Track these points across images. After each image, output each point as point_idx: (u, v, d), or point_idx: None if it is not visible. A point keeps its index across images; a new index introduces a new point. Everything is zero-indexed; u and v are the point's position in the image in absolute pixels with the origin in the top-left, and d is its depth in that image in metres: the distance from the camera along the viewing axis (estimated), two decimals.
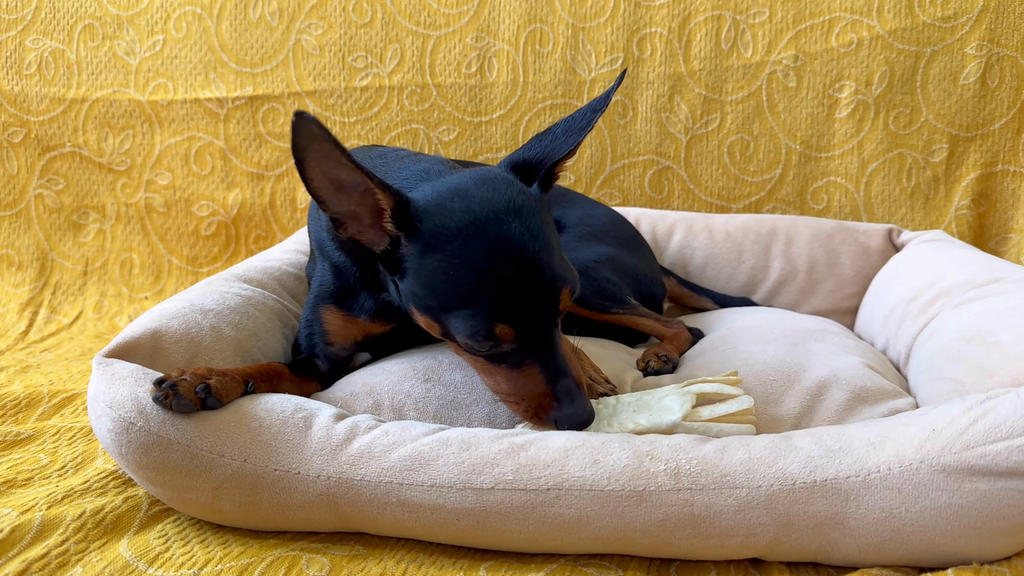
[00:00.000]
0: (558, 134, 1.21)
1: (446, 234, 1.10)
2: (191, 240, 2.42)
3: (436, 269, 1.11)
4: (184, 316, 1.34)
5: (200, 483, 1.10)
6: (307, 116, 0.98)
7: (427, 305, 1.15)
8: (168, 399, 1.08)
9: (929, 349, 1.44)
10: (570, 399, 1.12)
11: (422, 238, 1.11)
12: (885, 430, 1.07)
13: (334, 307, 1.39)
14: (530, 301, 1.10)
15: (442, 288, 1.11)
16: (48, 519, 1.12)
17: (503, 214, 1.11)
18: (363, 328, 1.40)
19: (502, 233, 1.10)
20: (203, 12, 2.32)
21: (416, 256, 1.12)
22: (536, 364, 1.13)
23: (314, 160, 1.03)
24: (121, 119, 2.39)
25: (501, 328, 1.09)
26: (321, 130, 1.00)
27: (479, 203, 1.12)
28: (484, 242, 1.09)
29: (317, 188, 1.07)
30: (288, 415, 1.13)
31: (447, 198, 1.14)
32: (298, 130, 0.99)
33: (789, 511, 1.02)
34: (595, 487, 1.03)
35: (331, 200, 1.10)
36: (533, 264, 1.10)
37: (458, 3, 2.24)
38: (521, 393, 1.15)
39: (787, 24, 2.14)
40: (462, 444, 1.09)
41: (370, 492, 1.08)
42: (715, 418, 1.16)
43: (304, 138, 1.00)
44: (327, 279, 1.40)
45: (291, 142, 1.01)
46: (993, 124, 2.08)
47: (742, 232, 1.99)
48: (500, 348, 1.13)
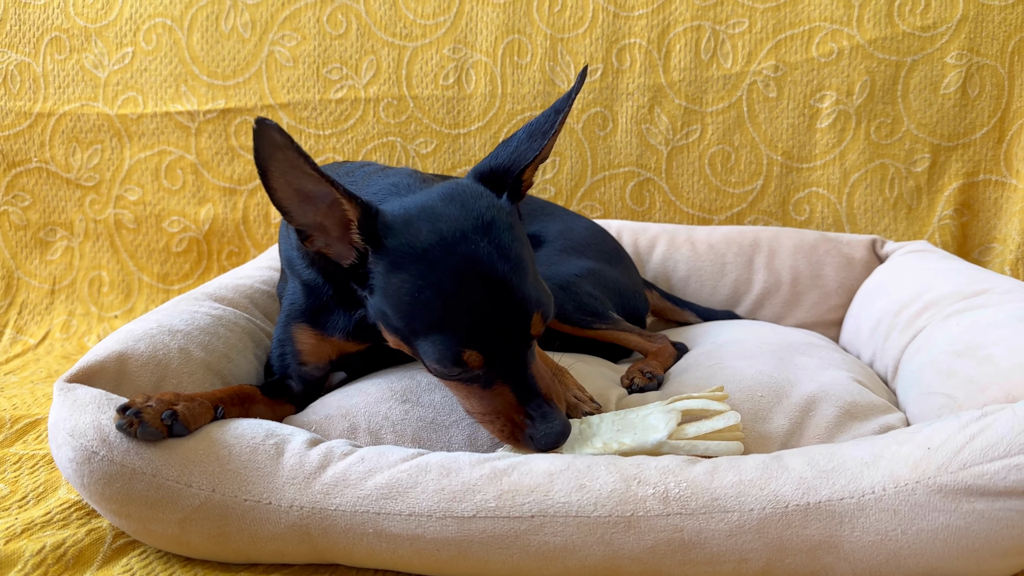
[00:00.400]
0: (522, 139, 1.16)
1: (412, 253, 1.06)
2: (162, 257, 2.36)
3: (401, 290, 1.07)
4: (151, 337, 1.29)
5: (166, 515, 1.05)
6: (269, 123, 0.94)
7: (394, 326, 1.11)
8: (132, 427, 1.03)
9: (918, 363, 1.42)
10: (543, 416, 1.08)
11: (388, 255, 1.08)
12: (879, 449, 1.04)
13: (306, 326, 1.34)
14: (500, 326, 1.06)
15: (407, 310, 1.08)
16: (5, 555, 1.06)
17: (471, 233, 1.07)
18: (337, 347, 1.35)
19: (469, 254, 1.06)
20: (173, 24, 2.27)
21: (382, 274, 1.09)
22: (507, 384, 1.09)
23: (278, 170, 1.00)
24: (89, 133, 2.33)
25: (469, 355, 1.05)
26: (284, 138, 0.96)
27: (446, 222, 1.08)
28: (451, 263, 1.05)
29: (282, 199, 1.04)
30: (259, 442, 1.09)
31: (414, 215, 1.10)
32: (260, 138, 0.96)
33: (782, 535, 0.98)
34: (581, 513, 0.99)
35: (296, 212, 1.06)
36: (503, 287, 1.06)
37: (435, 14, 2.21)
38: (495, 414, 1.11)
39: (767, 34, 2.12)
40: (442, 470, 1.05)
41: (345, 522, 1.03)
42: (701, 435, 1.13)
43: (267, 146, 0.97)
44: (298, 297, 1.35)
45: (253, 151, 0.97)
46: (974, 133, 2.07)
47: (725, 244, 1.96)
48: (471, 372, 1.09)
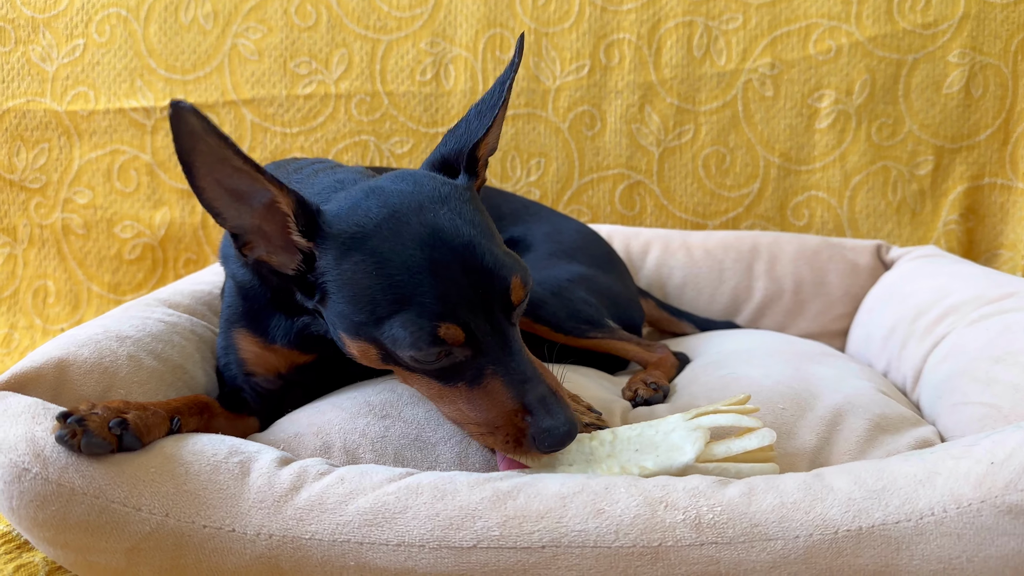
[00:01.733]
0: (471, 119, 1.08)
1: (363, 232, 0.95)
2: (113, 265, 2.18)
3: (357, 273, 0.94)
4: (97, 343, 1.13)
5: (111, 543, 0.89)
6: (184, 106, 0.81)
7: (356, 323, 0.96)
8: (75, 437, 0.88)
9: (946, 371, 1.31)
10: (546, 409, 0.93)
11: (336, 241, 0.95)
12: (932, 464, 0.92)
13: (247, 331, 1.21)
14: (475, 293, 0.94)
15: (367, 294, 0.93)
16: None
17: (428, 203, 0.97)
18: (284, 356, 1.21)
19: (429, 222, 0.95)
20: (129, 15, 2.12)
21: (332, 265, 0.95)
22: (499, 375, 0.95)
23: (203, 164, 0.86)
24: (35, 131, 2.15)
25: (447, 328, 0.91)
26: (204, 124, 0.82)
27: (398, 196, 0.98)
28: (410, 233, 0.94)
29: (211, 199, 0.90)
30: (221, 459, 0.93)
31: (361, 199, 0.98)
32: (177, 125, 0.82)
33: (832, 565, 0.85)
34: (600, 543, 0.85)
35: (229, 213, 0.93)
36: (471, 250, 0.94)
37: (411, 6, 2.08)
38: (490, 419, 0.96)
39: (762, 30, 2.03)
40: (435, 492, 0.90)
41: (322, 553, 0.88)
42: (732, 457, 0.99)
43: (186, 135, 0.83)
44: (234, 300, 1.22)
45: (174, 140, 0.83)
46: (979, 135, 1.99)
47: (722, 250, 1.85)
48: (452, 357, 0.95)
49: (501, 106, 1.03)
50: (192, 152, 0.84)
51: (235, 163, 0.87)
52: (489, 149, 1.10)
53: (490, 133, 1.06)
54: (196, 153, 0.85)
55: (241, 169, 0.88)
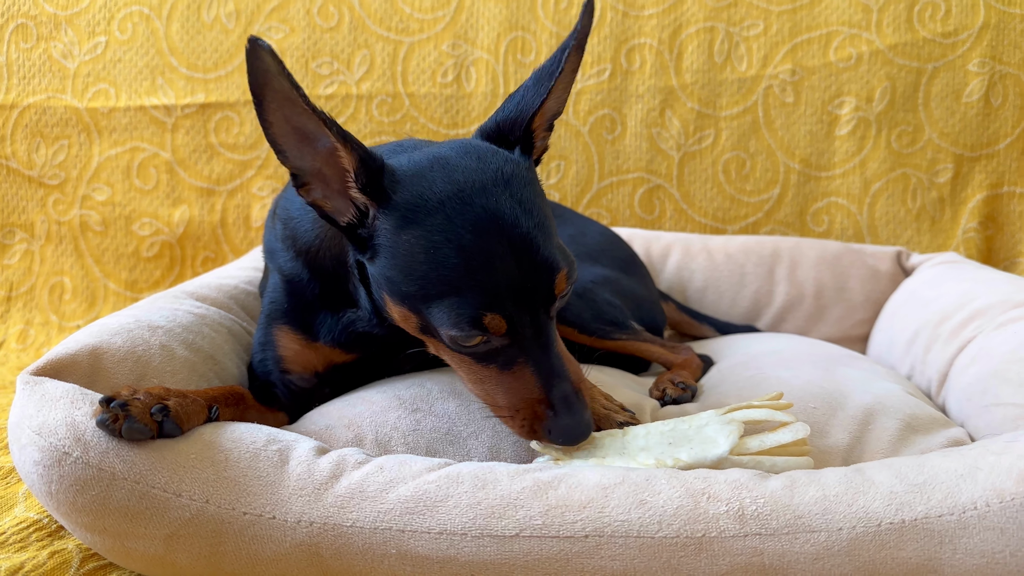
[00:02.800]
0: (529, 87, 1.04)
1: (426, 206, 0.94)
2: (130, 262, 2.18)
3: (414, 248, 0.93)
4: (129, 332, 1.13)
5: (150, 529, 0.88)
6: (262, 44, 0.82)
7: (403, 292, 0.96)
8: (117, 422, 0.87)
9: (975, 374, 1.30)
10: (567, 408, 0.95)
11: (397, 210, 0.95)
12: (972, 460, 0.92)
13: (289, 328, 1.20)
14: (523, 286, 0.94)
15: (421, 271, 0.93)
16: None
17: (491, 185, 0.96)
18: (324, 355, 1.20)
19: (491, 207, 0.94)
20: (151, 13, 2.12)
21: (390, 232, 0.95)
22: (529, 364, 0.96)
23: (274, 101, 0.87)
24: (55, 128, 2.15)
25: (491, 318, 0.92)
26: (277, 64, 0.83)
27: (463, 173, 0.97)
28: (470, 217, 0.93)
29: (276, 135, 0.91)
30: (260, 447, 0.93)
31: (426, 167, 0.97)
32: (252, 61, 0.83)
33: (875, 558, 0.85)
34: (643, 533, 0.85)
35: (292, 152, 0.93)
36: (527, 243, 0.94)
37: (433, 8, 2.08)
38: (513, 403, 0.98)
39: (783, 37, 2.03)
40: (476, 481, 0.90)
41: (363, 541, 0.87)
42: (766, 450, 0.99)
43: (259, 72, 0.84)
44: (279, 295, 1.21)
45: (248, 74, 0.84)
46: (998, 144, 1.99)
47: (743, 254, 1.84)
48: (489, 344, 0.95)
49: (560, 74, 1.00)
50: (264, 87, 0.85)
51: (299, 105, 0.87)
52: (547, 119, 1.06)
53: (547, 103, 1.02)
54: (268, 89, 0.85)
55: (306, 111, 0.88)
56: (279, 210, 1.25)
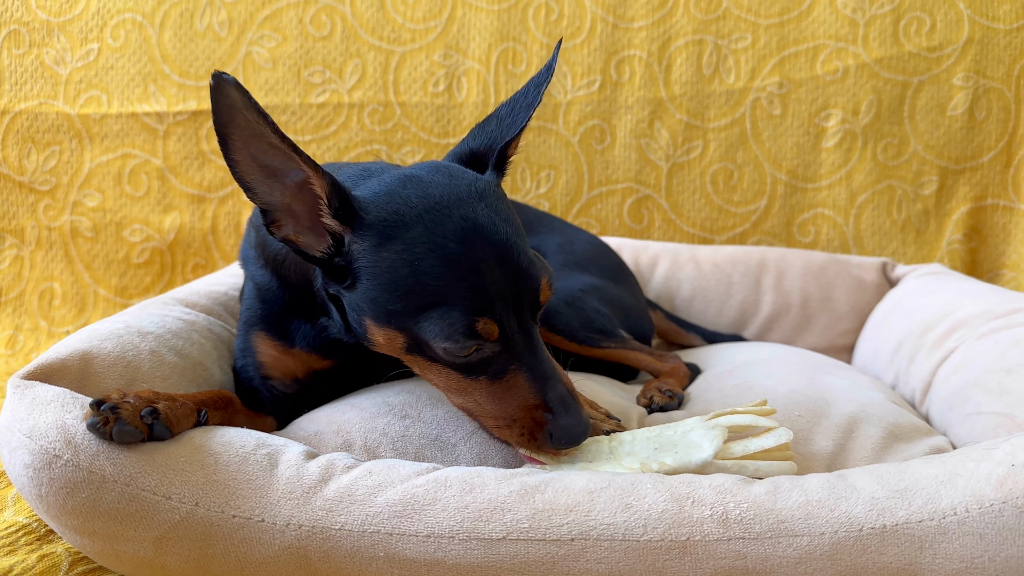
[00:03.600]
0: (503, 116, 1.09)
1: (403, 221, 0.95)
2: (121, 268, 2.18)
3: (396, 263, 0.94)
4: (119, 337, 1.13)
5: (140, 532, 0.89)
6: (227, 79, 0.82)
7: (389, 311, 0.96)
8: (107, 425, 0.88)
9: (957, 383, 1.32)
10: (565, 408, 0.95)
11: (373, 228, 0.95)
12: (952, 467, 0.93)
13: (266, 334, 1.21)
14: (510, 291, 0.95)
15: (406, 285, 0.94)
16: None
17: (466, 198, 0.98)
18: (303, 361, 1.21)
19: (469, 216, 0.96)
20: (144, 20, 2.13)
21: (369, 252, 0.96)
22: (522, 370, 0.97)
23: (240, 138, 0.87)
24: (47, 134, 2.16)
25: (484, 323, 0.93)
26: (244, 99, 0.84)
27: (437, 188, 0.98)
28: (451, 226, 0.95)
29: (243, 173, 0.91)
30: (249, 451, 0.94)
31: (398, 187, 0.99)
32: (217, 97, 0.83)
33: (856, 562, 0.86)
34: (628, 536, 0.86)
35: (260, 189, 0.93)
36: (509, 250, 0.96)
37: (425, 18, 2.10)
38: (508, 412, 0.98)
39: (771, 50, 2.05)
40: (464, 485, 0.91)
41: (351, 544, 0.88)
42: (750, 455, 1.00)
43: (225, 108, 0.84)
44: (253, 302, 1.23)
45: (212, 112, 0.84)
46: (982, 157, 2.02)
47: (730, 264, 1.86)
48: (482, 352, 0.96)
49: (534, 108, 1.04)
50: (229, 125, 0.85)
51: (271, 140, 0.87)
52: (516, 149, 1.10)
53: (519, 137, 1.06)
54: (233, 126, 0.85)
55: (276, 147, 0.88)
56: (253, 216, 1.26)
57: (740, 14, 2.06)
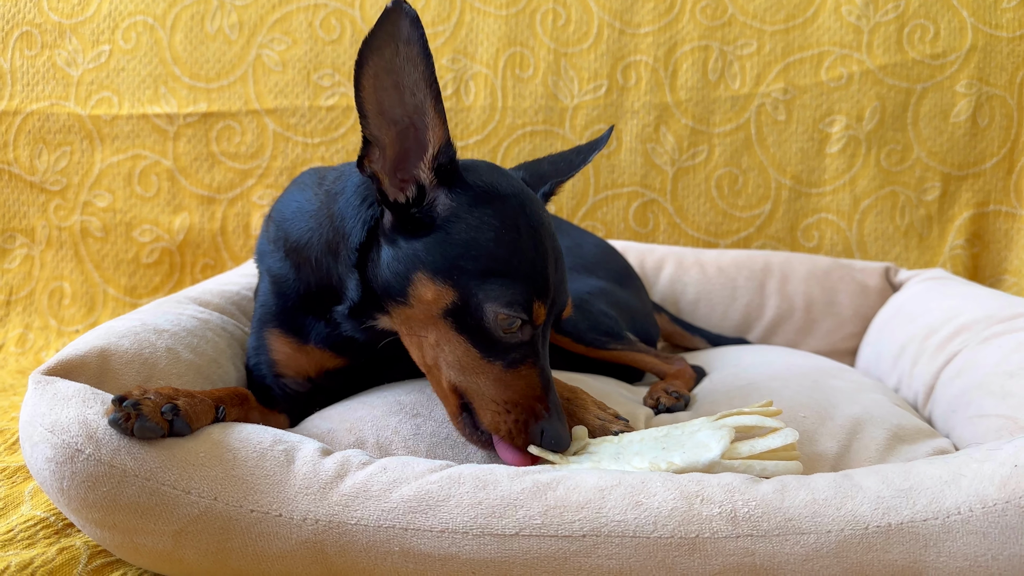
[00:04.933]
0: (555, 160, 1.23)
1: (500, 193, 1.02)
2: (130, 268, 2.20)
3: (484, 225, 1.00)
4: (136, 335, 1.15)
5: (159, 525, 0.90)
6: (407, 9, 0.83)
7: (458, 267, 0.98)
8: (129, 420, 0.89)
9: (960, 386, 1.34)
10: (559, 414, 1.02)
11: (472, 190, 1.01)
12: (956, 467, 0.95)
13: (280, 332, 1.22)
14: (554, 293, 1.04)
15: (487, 247, 0.99)
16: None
17: (538, 203, 1.09)
18: (316, 359, 1.22)
19: (543, 217, 1.05)
20: (155, 23, 2.15)
21: (462, 208, 1.00)
22: (536, 366, 1.02)
23: (378, 67, 0.88)
24: (58, 134, 2.18)
25: (539, 306, 1.00)
26: (414, 31, 0.85)
27: (519, 185, 1.08)
28: (533, 216, 1.03)
29: (365, 100, 0.93)
30: (266, 447, 0.95)
31: (484, 169, 1.07)
32: (384, 22, 0.84)
33: (862, 560, 0.87)
34: (639, 533, 0.88)
35: (374, 121, 0.95)
36: (560, 259, 1.06)
37: (433, 23, 2.12)
38: (511, 398, 1.01)
39: (776, 56, 2.07)
40: (477, 482, 0.92)
41: (367, 539, 0.90)
42: (757, 455, 1.02)
43: (384, 34, 0.85)
44: (268, 298, 1.24)
45: (371, 31, 0.85)
46: (985, 163, 2.04)
47: (735, 268, 1.88)
48: (518, 335, 1.00)
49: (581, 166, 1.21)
50: (376, 52, 0.87)
51: (412, 77, 0.89)
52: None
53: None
54: (378, 54, 0.87)
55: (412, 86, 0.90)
56: (274, 212, 1.28)
57: (746, 20, 2.08)
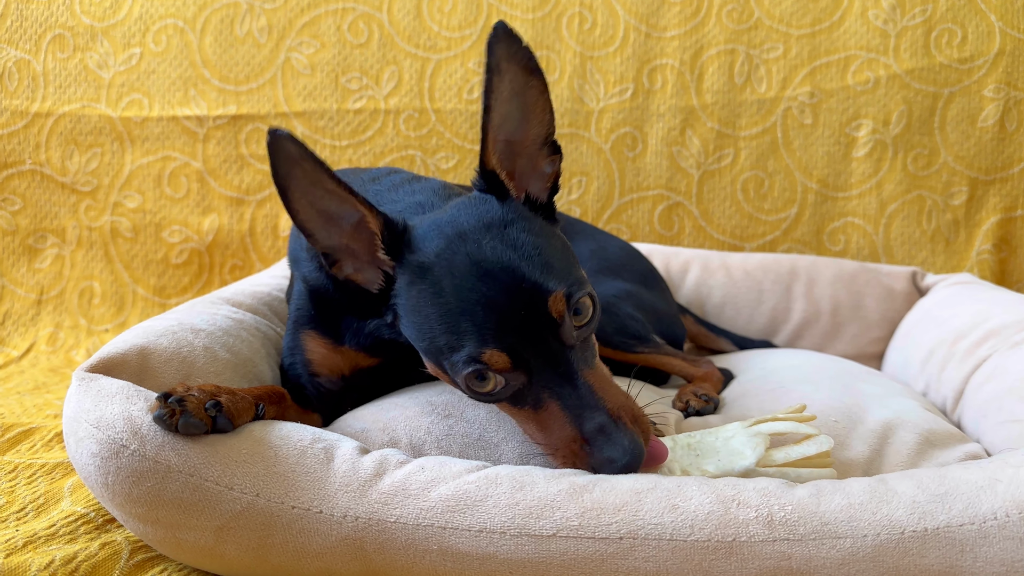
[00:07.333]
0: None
1: (426, 262, 0.98)
2: (159, 268, 2.23)
3: (420, 303, 0.98)
4: (174, 334, 1.17)
5: (202, 521, 0.92)
6: (283, 134, 0.85)
7: (423, 348, 1.01)
8: (174, 417, 0.91)
9: (990, 391, 1.34)
10: (605, 439, 0.93)
11: (408, 268, 0.99)
12: (992, 472, 0.95)
13: (315, 333, 1.24)
14: (517, 316, 0.93)
15: (428, 324, 0.97)
16: (9, 568, 0.92)
17: (471, 232, 0.98)
18: (350, 359, 1.24)
19: (473, 252, 0.96)
20: (185, 26, 2.17)
21: (404, 290, 1.00)
22: (556, 399, 0.95)
23: (298, 188, 0.91)
24: (89, 136, 2.21)
25: (491, 354, 0.93)
26: (300, 150, 0.87)
27: (451, 226, 1.00)
28: (458, 264, 0.96)
29: (304, 220, 0.95)
30: (306, 445, 0.97)
31: (429, 225, 1.02)
32: (275, 152, 0.87)
33: (899, 564, 0.88)
34: (676, 536, 0.88)
35: (320, 234, 0.97)
36: (511, 275, 0.94)
37: (460, 26, 2.14)
38: (551, 442, 0.98)
39: (802, 60, 2.08)
40: (514, 483, 0.93)
41: (406, 537, 0.91)
42: (791, 462, 1.02)
43: (283, 161, 0.88)
44: (303, 302, 1.26)
45: (271, 167, 0.88)
46: (1012, 168, 2.03)
47: (761, 271, 1.88)
48: (509, 387, 0.96)
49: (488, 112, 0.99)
50: (288, 177, 0.89)
51: (328, 185, 0.91)
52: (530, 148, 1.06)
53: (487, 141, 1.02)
54: (292, 178, 0.90)
55: (333, 191, 0.92)
56: None
57: (772, 24, 2.08)
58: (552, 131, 1.05)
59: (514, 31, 0.94)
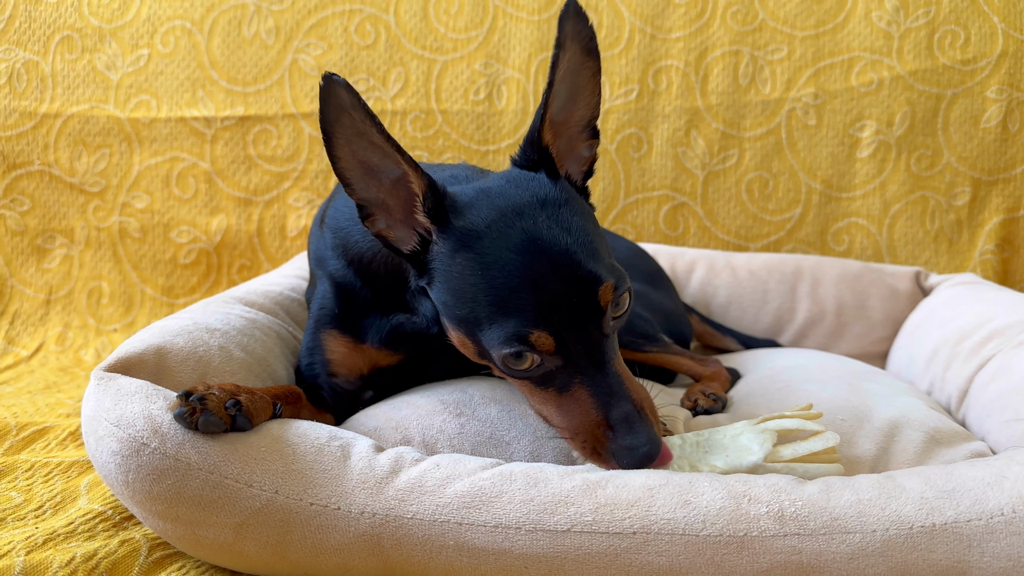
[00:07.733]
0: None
1: (475, 231, 0.97)
2: (167, 269, 2.24)
3: (465, 271, 0.97)
4: (189, 333, 1.18)
5: (222, 518, 0.93)
6: (337, 80, 0.86)
7: (458, 316, 1.00)
8: (194, 415, 0.92)
9: (995, 391, 1.35)
10: (628, 427, 0.95)
11: (453, 234, 0.98)
12: (999, 469, 0.97)
13: (337, 332, 1.25)
14: (568, 302, 0.95)
15: (471, 293, 0.97)
16: (30, 566, 0.94)
17: (527, 208, 0.99)
18: (370, 358, 1.25)
19: (529, 228, 0.97)
20: (193, 27, 2.19)
21: (446, 256, 0.99)
22: (585, 385, 0.97)
23: (343, 136, 0.91)
24: (97, 137, 2.22)
25: (538, 336, 0.94)
26: (352, 98, 0.87)
27: (503, 199, 1.00)
28: (513, 239, 0.96)
29: (344, 169, 0.95)
30: (323, 443, 0.98)
31: (473, 196, 1.02)
32: (326, 97, 0.87)
33: (907, 559, 0.89)
34: (688, 531, 0.90)
35: (359, 185, 0.98)
36: (567, 260, 0.95)
37: (467, 28, 2.15)
38: (573, 426, 0.99)
39: (806, 62, 2.09)
40: (528, 479, 0.95)
41: (423, 532, 0.92)
42: (798, 458, 1.04)
43: (332, 108, 0.88)
44: (328, 301, 1.26)
45: (319, 111, 0.88)
46: (1015, 168, 2.04)
47: (766, 271, 1.90)
48: (544, 366, 0.97)
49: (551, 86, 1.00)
50: (335, 124, 0.89)
51: (374, 138, 0.91)
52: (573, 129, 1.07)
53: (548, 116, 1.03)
54: (338, 124, 0.90)
55: (378, 145, 0.92)
56: (328, 220, 1.30)
57: (776, 26, 2.10)
58: (597, 115, 1.06)
59: (583, 10, 0.95)
